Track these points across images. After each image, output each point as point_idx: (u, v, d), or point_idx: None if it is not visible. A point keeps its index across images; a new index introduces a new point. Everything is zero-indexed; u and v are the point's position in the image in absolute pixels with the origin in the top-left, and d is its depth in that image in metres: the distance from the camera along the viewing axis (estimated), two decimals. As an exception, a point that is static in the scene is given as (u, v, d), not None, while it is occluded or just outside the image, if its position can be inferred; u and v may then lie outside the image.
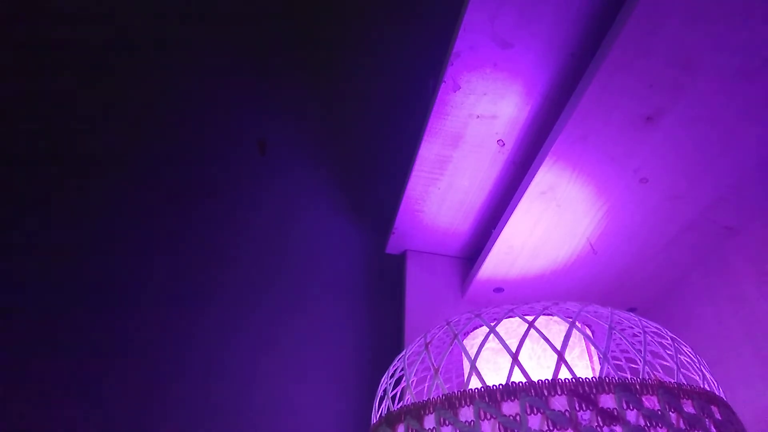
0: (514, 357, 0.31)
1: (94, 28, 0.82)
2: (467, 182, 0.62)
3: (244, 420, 0.58)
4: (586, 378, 0.29)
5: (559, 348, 0.31)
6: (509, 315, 0.40)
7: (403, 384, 0.39)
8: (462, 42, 0.48)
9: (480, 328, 0.44)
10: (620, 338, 0.36)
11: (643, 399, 0.28)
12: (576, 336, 0.42)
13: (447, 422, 0.30)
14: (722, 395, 0.34)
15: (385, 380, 0.40)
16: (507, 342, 0.33)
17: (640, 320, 0.38)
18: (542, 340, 0.33)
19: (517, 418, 0.28)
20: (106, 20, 0.84)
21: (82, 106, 0.76)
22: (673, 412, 0.28)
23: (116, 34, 0.83)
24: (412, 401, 0.33)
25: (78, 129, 0.73)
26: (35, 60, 0.77)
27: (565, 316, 0.38)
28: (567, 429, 0.27)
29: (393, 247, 0.73)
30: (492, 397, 0.29)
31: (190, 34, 0.88)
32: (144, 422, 0.55)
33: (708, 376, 0.35)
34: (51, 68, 0.77)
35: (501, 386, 0.29)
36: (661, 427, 0.27)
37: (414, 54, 0.97)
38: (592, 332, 0.44)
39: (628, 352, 0.45)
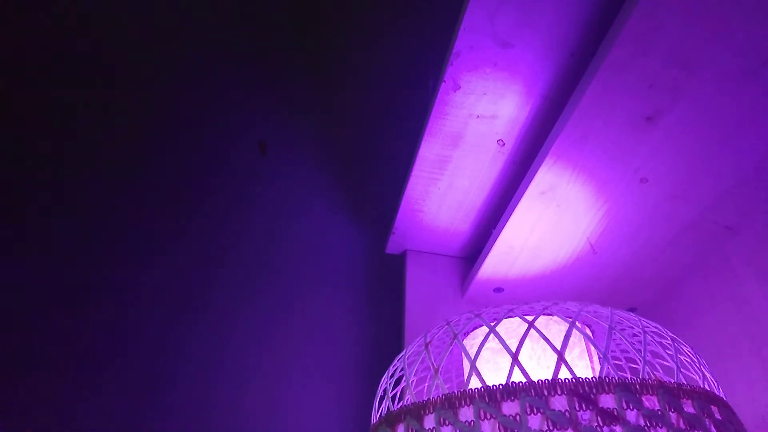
0: (514, 357, 0.31)
1: (94, 28, 0.82)
2: (467, 182, 0.62)
3: (244, 420, 0.58)
4: (586, 378, 0.29)
5: (559, 348, 0.31)
6: (509, 315, 0.40)
7: (403, 384, 0.39)
8: (462, 42, 0.48)
9: (480, 328, 0.44)
10: (620, 338, 0.36)
11: (643, 399, 0.28)
12: (576, 336, 0.42)
13: (447, 422, 0.30)
14: (722, 395, 0.34)
15: (385, 380, 0.40)
16: (507, 342, 0.33)
17: (640, 320, 0.38)
18: (542, 340, 0.33)
19: (517, 418, 0.28)
20: (105, 21, 0.84)
21: (82, 105, 0.76)
22: (673, 412, 0.28)
23: (116, 35, 0.83)
24: (412, 401, 0.33)
25: (78, 129, 0.73)
26: (35, 60, 0.77)
27: (565, 316, 0.38)
28: (567, 429, 0.27)
29: (393, 247, 0.73)
30: (492, 397, 0.29)
31: (190, 34, 0.88)
32: (144, 421, 0.55)
33: (708, 376, 0.35)
34: (51, 69, 0.77)
35: (501, 386, 0.29)
36: (661, 427, 0.27)
37: (414, 54, 0.97)
38: (592, 332, 0.44)
39: (628, 352, 0.45)
